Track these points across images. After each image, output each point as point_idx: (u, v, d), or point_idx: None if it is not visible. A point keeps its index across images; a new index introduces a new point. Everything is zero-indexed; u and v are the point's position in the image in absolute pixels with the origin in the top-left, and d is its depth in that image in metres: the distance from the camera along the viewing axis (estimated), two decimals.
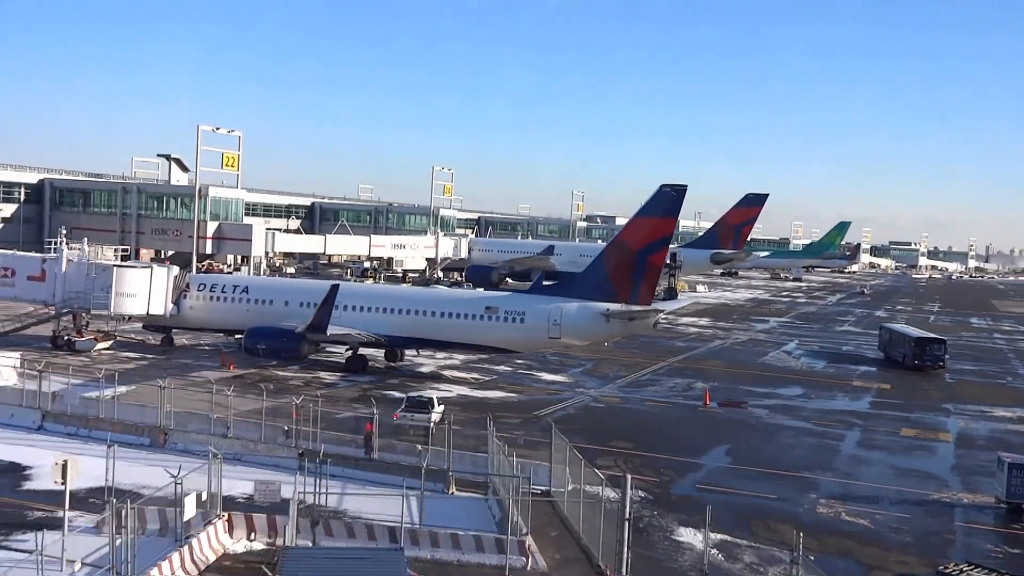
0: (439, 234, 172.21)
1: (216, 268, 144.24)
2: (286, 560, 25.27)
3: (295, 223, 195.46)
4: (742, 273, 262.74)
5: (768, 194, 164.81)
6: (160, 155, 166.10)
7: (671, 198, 69.80)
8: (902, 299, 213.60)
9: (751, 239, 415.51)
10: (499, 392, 69.85)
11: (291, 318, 74.84)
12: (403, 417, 53.22)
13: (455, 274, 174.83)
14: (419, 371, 77.05)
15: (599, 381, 77.08)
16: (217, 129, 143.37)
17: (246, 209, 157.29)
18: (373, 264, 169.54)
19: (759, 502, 44.58)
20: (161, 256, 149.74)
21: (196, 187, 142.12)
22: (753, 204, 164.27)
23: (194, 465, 39.78)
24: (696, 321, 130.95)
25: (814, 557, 36.45)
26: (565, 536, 37.93)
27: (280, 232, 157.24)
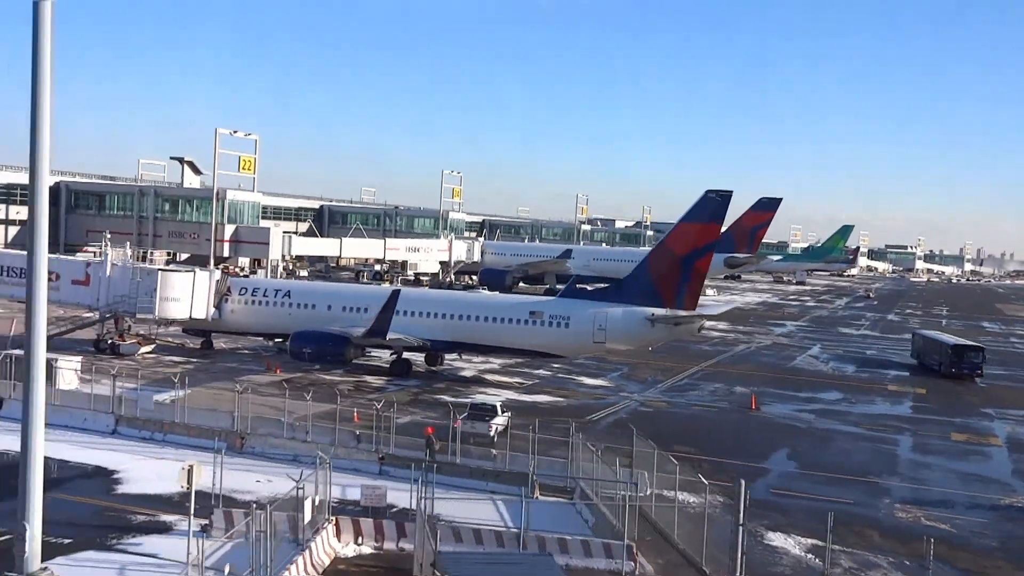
0: (452, 237, 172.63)
1: (232, 272, 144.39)
2: (447, 564, 25.62)
3: (303, 226, 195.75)
4: (744, 276, 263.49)
5: (781, 199, 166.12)
6: (173, 158, 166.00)
7: (716, 204, 70.41)
8: (908, 303, 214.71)
9: None
10: (546, 396, 70.29)
11: (334, 322, 75.30)
12: (466, 424, 53.11)
13: (466, 277, 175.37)
14: (461, 375, 77.46)
15: (640, 385, 77.52)
16: (234, 132, 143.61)
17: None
18: (383, 267, 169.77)
19: (837, 507, 44.83)
20: (176, 259, 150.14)
21: (214, 190, 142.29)
22: (766, 208, 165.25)
23: (280, 469, 40.34)
24: (715, 325, 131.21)
25: (909, 562, 37.22)
26: (660, 541, 38.29)
27: (296, 235, 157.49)
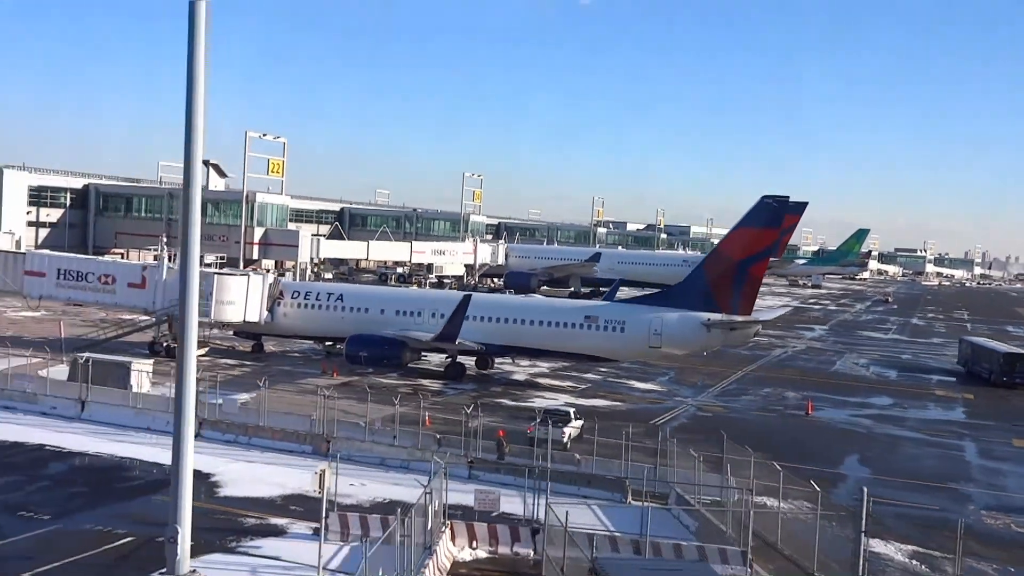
0: (477, 240, 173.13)
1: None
2: (611, 570, 25.97)
3: (324, 228, 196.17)
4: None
5: (807, 203, 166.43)
6: None
7: (772, 209, 70.77)
8: (927, 307, 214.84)
9: None
10: (602, 400, 70.63)
11: (388, 326, 75.80)
12: (539, 430, 53.25)
13: (490, 280, 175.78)
14: (513, 379, 77.88)
15: (691, 390, 77.89)
16: (264, 135, 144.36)
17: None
18: (405, 270, 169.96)
19: (924, 513, 45.42)
20: (203, 262, 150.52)
21: (243, 193, 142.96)
22: (791, 212, 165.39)
23: (370, 473, 40.64)
24: None
25: (1014, 569, 37.59)
26: (764, 547, 38.56)
27: (323, 238, 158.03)
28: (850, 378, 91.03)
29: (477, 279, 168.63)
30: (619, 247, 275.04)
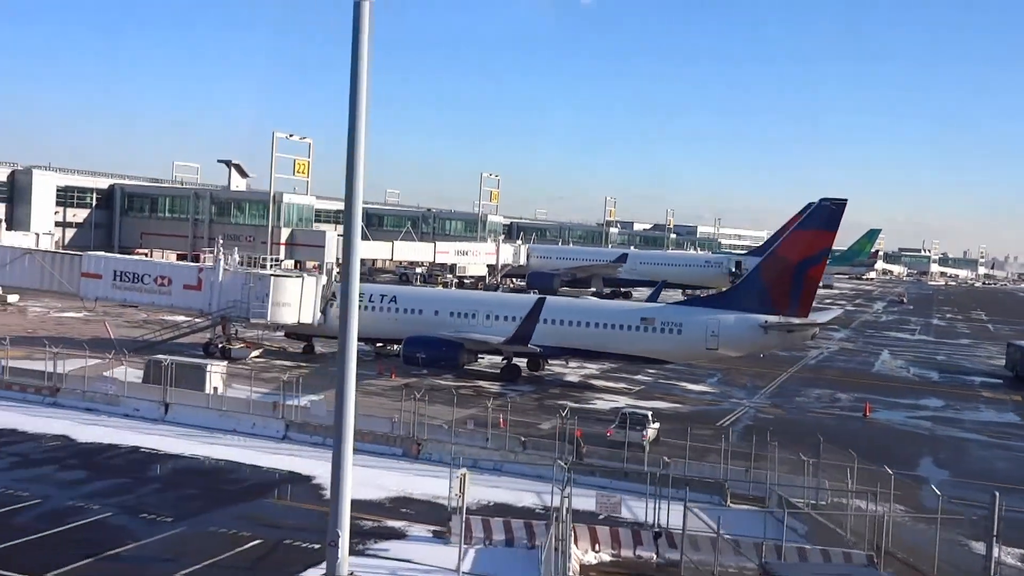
0: (500, 241, 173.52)
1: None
2: (779, 573, 26.30)
3: (341, 228, 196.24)
4: None
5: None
6: (220, 161, 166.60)
7: (830, 212, 71.20)
8: (943, 307, 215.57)
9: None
10: (661, 402, 70.84)
11: (442, 328, 76.17)
12: (619, 433, 53.56)
13: (510, 280, 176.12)
14: (567, 380, 78.27)
15: (743, 391, 78.29)
16: (291, 136, 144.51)
17: None
18: (423, 270, 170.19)
19: (1018, 516, 45.67)
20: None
21: (270, 193, 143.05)
22: None
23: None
24: None
25: None
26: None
27: None
28: (893, 380, 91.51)
29: (499, 279, 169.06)
30: (631, 247, 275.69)
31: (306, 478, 44.42)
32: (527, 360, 79.40)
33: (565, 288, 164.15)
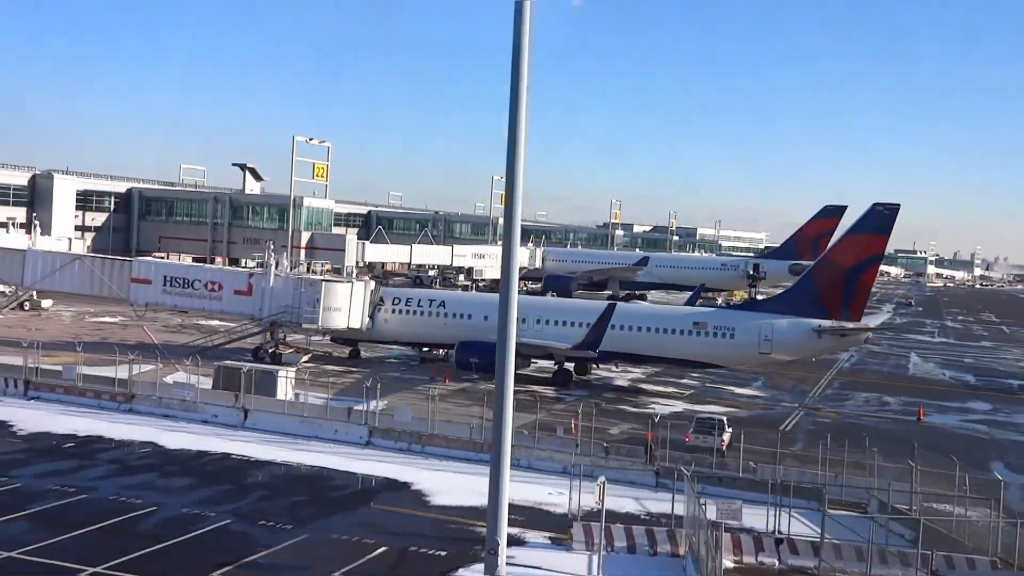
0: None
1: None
2: None
3: (352, 232, 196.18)
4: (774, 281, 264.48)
5: (846, 206, 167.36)
6: (235, 164, 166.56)
7: (883, 216, 71.61)
8: (951, 309, 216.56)
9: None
10: (715, 407, 70.99)
11: (492, 333, 75.91)
12: (697, 438, 53.73)
13: (524, 283, 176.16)
14: (616, 384, 78.48)
15: (791, 395, 78.63)
16: (311, 140, 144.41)
17: None
18: (435, 273, 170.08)
19: None
20: (244, 265, 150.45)
21: (291, 197, 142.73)
22: (831, 216, 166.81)
23: (561, 482, 40.93)
24: None
25: None
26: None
27: (368, 242, 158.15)
28: (932, 383, 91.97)
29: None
30: (636, 249, 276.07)
31: (403, 484, 44.40)
32: (575, 364, 79.62)
33: (580, 291, 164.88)
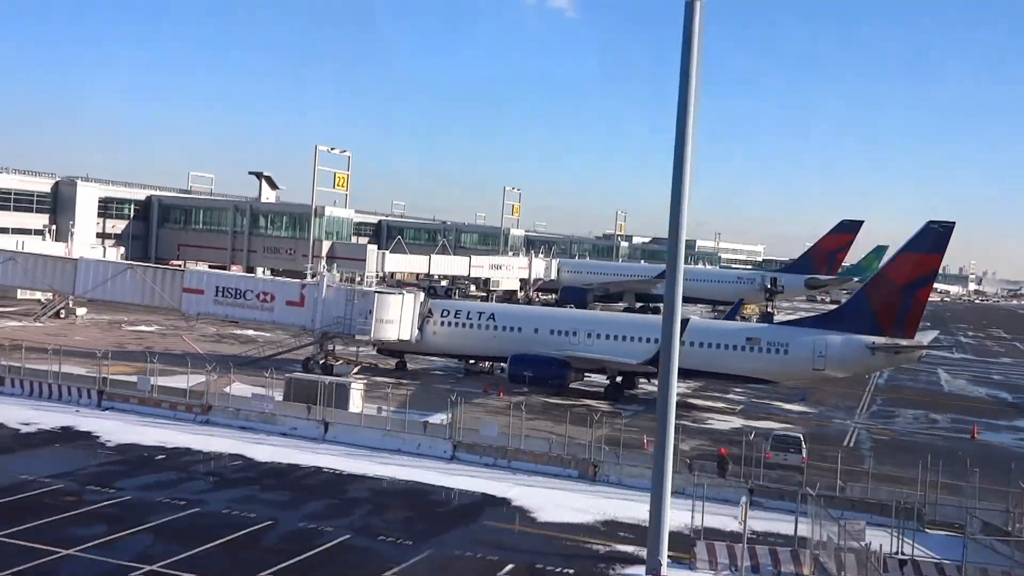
0: (532, 255, 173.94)
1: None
2: None
3: (363, 241, 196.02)
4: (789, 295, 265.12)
5: (863, 221, 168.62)
6: (251, 172, 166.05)
7: (938, 234, 71.97)
8: (957, 324, 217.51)
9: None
10: (769, 423, 71.17)
11: (541, 346, 76.35)
12: (777, 456, 53.72)
13: (538, 294, 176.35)
14: None
15: (840, 412, 78.91)
16: (332, 149, 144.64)
17: None
18: (445, 283, 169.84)
19: None
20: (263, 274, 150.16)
21: (312, 206, 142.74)
22: (847, 231, 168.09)
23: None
24: None
25: None
26: None
27: (387, 252, 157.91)
28: (970, 400, 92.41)
29: (533, 294, 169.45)
30: (642, 260, 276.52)
31: (502, 500, 44.33)
32: (621, 379, 79.65)
33: (596, 303, 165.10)
